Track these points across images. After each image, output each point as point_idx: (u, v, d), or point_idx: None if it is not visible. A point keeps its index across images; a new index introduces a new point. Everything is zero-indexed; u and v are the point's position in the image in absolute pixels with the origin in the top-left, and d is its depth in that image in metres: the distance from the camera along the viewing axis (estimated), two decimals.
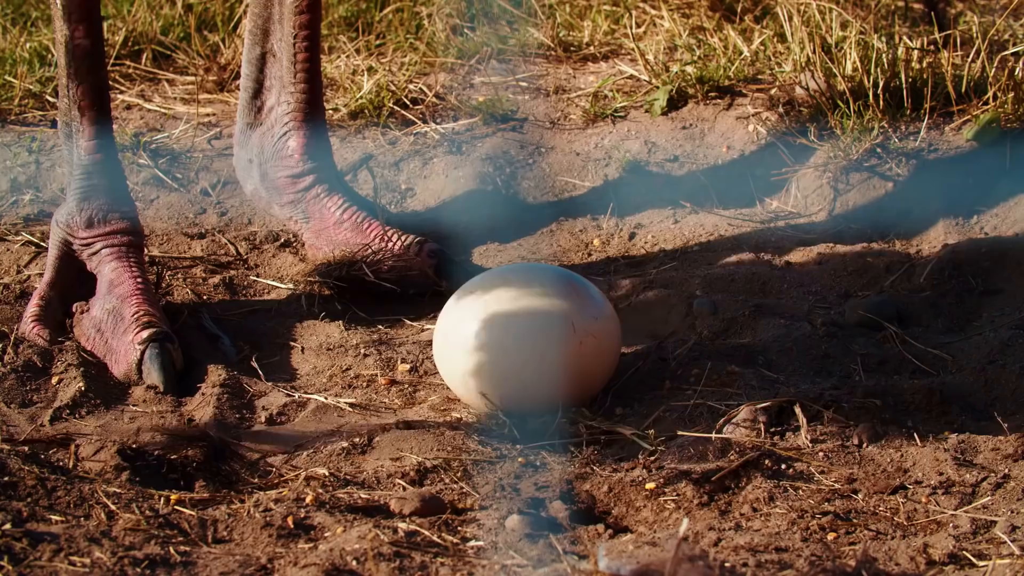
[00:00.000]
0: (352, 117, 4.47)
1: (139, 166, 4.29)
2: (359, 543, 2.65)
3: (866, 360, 3.47)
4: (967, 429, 3.20)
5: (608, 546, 2.64)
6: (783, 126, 4.27)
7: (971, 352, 3.49)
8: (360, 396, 3.40)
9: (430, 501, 2.89)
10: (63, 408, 3.31)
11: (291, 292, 3.85)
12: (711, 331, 3.59)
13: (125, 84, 4.68)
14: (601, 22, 4.89)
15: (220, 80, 4.65)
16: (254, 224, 4.14)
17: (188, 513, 2.83)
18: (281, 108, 3.94)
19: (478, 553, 2.71)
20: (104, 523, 2.77)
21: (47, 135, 4.37)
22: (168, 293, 3.81)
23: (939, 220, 4.04)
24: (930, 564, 2.68)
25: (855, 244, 3.98)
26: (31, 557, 2.61)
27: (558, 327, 3.20)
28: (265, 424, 3.30)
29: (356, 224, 3.88)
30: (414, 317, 3.76)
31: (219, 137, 4.41)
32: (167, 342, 3.46)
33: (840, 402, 3.22)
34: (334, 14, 4.92)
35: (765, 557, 2.61)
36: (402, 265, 3.83)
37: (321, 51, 4.05)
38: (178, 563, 2.63)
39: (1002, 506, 2.88)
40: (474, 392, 3.25)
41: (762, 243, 4.02)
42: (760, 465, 3.02)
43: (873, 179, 4.18)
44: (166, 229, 4.14)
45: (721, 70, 4.48)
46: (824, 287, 3.81)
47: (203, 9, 4.93)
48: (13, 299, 3.75)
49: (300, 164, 3.94)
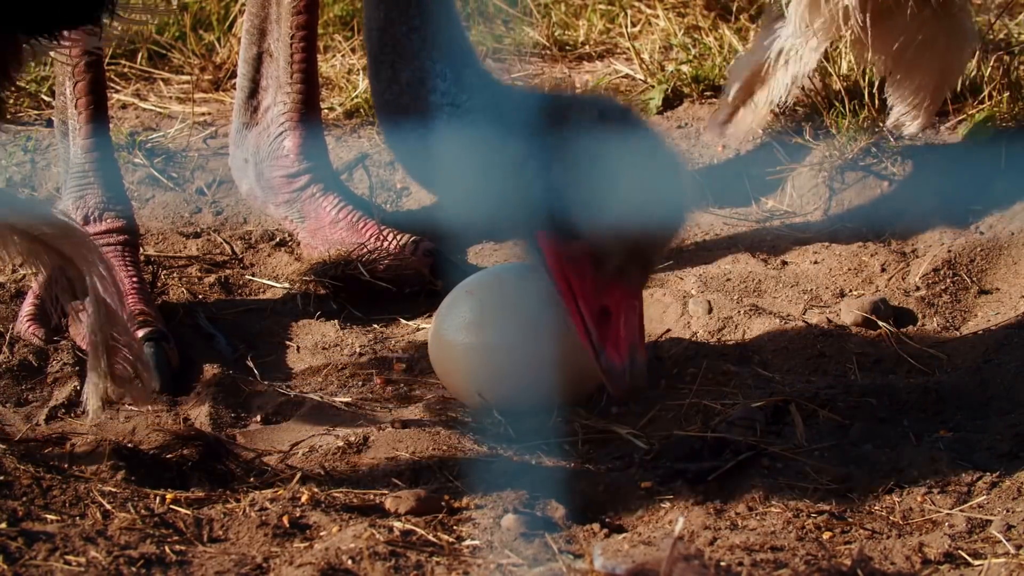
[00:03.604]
0: (347, 116, 4.47)
1: (135, 165, 4.29)
2: (354, 542, 2.65)
3: (861, 359, 3.47)
4: (962, 428, 3.20)
5: (604, 545, 2.64)
6: (778, 125, 4.27)
7: (966, 351, 3.49)
8: (355, 395, 3.40)
9: (425, 500, 2.89)
10: (59, 407, 3.31)
11: (287, 291, 3.85)
12: (706, 330, 3.59)
13: (121, 83, 4.67)
14: (596, 21, 4.89)
15: (216, 79, 4.65)
16: (250, 223, 4.14)
17: (184, 512, 2.83)
18: (277, 108, 3.94)
19: (473, 552, 2.71)
20: (100, 522, 2.76)
21: (43, 134, 4.37)
22: (164, 292, 3.81)
23: (934, 219, 4.04)
24: (926, 563, 2.68)
25: (850, 243, 3.98)
26: (27, 556, 2.60)
27: (553, 326, 3.20)
28: (261, 423, 3.30)
29: (352, 223, 3.89)
30: (410, 316, 3.76)
31: (215, 136, 4.40)
32: (163, 341, 3.46)
33: (835, 401, 3.22)
34: (329, 13, 4.92)
35: (760, 556, 2.61)
36: (398, 264, 3.83)
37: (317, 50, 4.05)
38: (174, 562, 2.63)
39: (997, 505, 2.88)
40: (469, 391, 3.25)
41: (757, 242, 4.03)
42: (755, 464, 3.02)
43: (868, 178, 4.18)
44: (162, 228, 4.14)
45: (716, 69, 4.48)
46: (819, 286, 3.81)
47: (199, 8, 4.93)
48: (8, 298, 3.75)
49: (296, 164, 3.94)
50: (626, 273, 2.70)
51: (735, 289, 3.76)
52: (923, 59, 3.77)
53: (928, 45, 3.75)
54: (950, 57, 3.80)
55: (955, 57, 3.81)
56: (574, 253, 2.71)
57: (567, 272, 2.75)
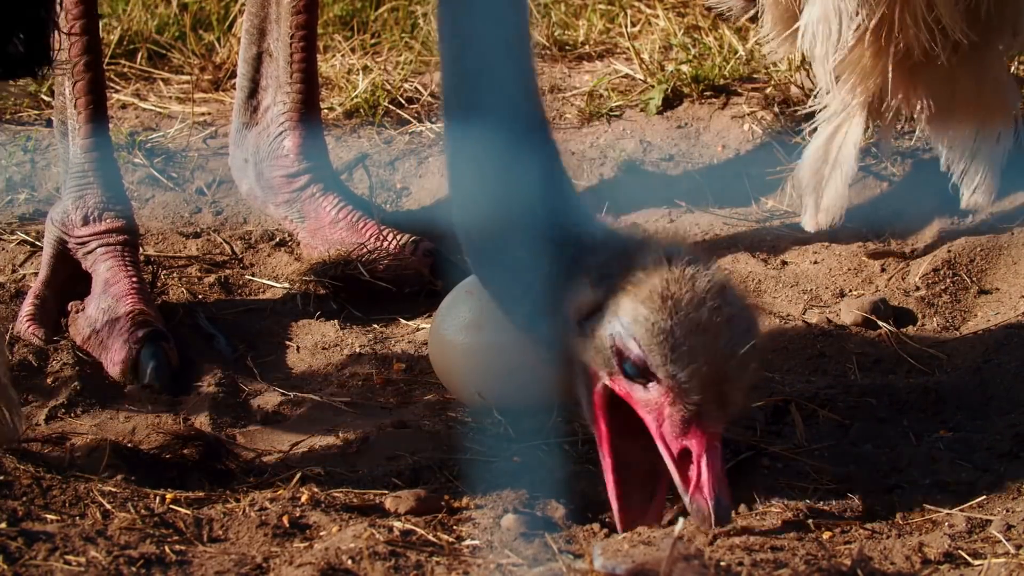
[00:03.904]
0: (347, 116, 4.46)
1: (134, 165, 4.29)
2: (354, 542, 2.65)
3: (861, 359, 3.47)
4: (962, 428, 3.20)
5: (603, 545, 2.64)
6: (778, 125, 4.27)
7: (966, 351, 3.49)
8: (355, 395, 3.40)
9: (425, 500, 2.88)
10: (58, 407, 3.30)
11: (287, 291, 3.85)
12: None
13: (120, 83, 4.67)
14: (596, 21, 4.89)
15: (215, 79, 4.65)
16: (249, 223, 4.14)
17: (183, 512, 2.82)
18: (277, 108, 3.94)
19: (473, 552, 2.71)
20: (99, 522, 2.76)
21: (42, 134, 4.37)
22: (163, 292, 3.81)
23: (934, 219, 4.04)
24: (925, 563, 2.67)
25: (850, 243, 3.98)
26: (26, 556, 2.60)
27: None
28: (260, 423, 3.30)
29: (352, 223, 3.88)
30: (409, 316, 3.76)
31: (214, 136, 4.40)
32: (162, 341, 3.46)
33: (835, 401, 3.22)
34: (329, 13, 4.91)
35: (760, 556, 2.61)
36: (398, 264, 3.83)
37: (316, 50, 4.05)
38: (173, 562, 2.63)
39: (997, 505, 2.88)
40: (469, 391, 3.25)
41: (757, 242, 4.02)
42: (756, 464, 3.02)
43: (868, 178, 4.18)
44: (161, 228, 4.14)
45: (716, 69, 4.48)
46: (819, 286, 3.81)
47: (198, 8, 4.93)
48: (8, 298, 3.75)
49: (296, 164, 3.94)
50: (705, 412, 2.69)
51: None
52: (957, 111, 3.76)
53: (964, 97, 3.74)
54: (988, 110, 3.78)
55: (995, 110, 3.80)
56: (649, 396, 2.70)
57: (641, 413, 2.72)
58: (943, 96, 3.74)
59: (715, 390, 2.67)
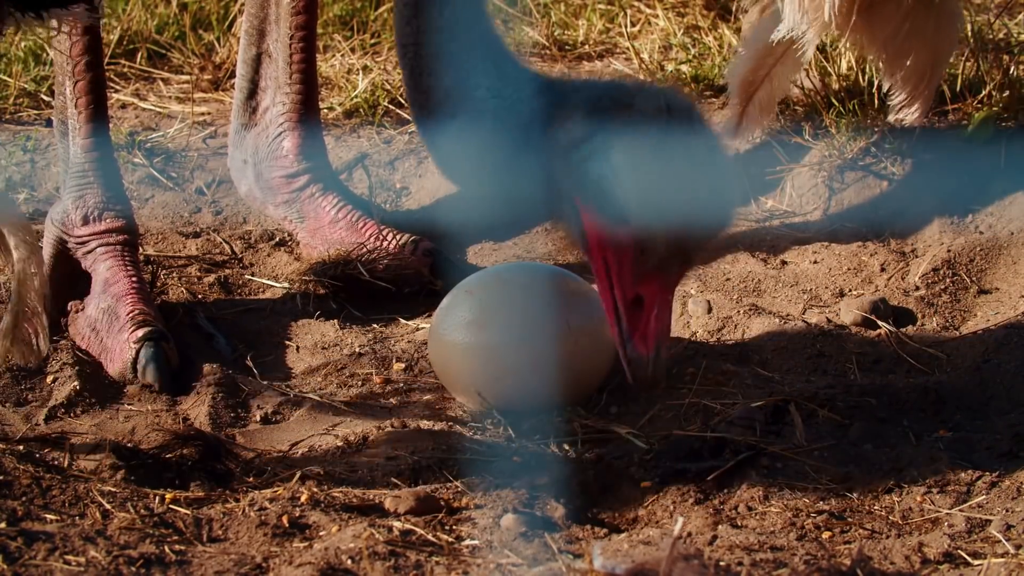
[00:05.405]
0: (347, 116, 4.47)
1: (134, 165, 4.29)
2: (354, 542, 2.65)
3: (861, 359, 3.47)
4: (962, 428, 3.20)
5: (603, 545, 2.64)
6: (778, 125, 4.27)
7: (966, 351, 3.49)
8: (355, 395, 3.40)
9: (425, 500, 2.89)
10: (58, 407, 3.30)
11: (286, 291, 3.85)
12: (706, 330, 3.59)
13: (120, 83, 4.67)
14: (596, 21, 4.89)
15: (215, 79, 4.65)
16: (249, 223, 4.14)
17: (183, 512, 2.83)
18: (276, 109, 3.94)
19: (473, 552, 2.71)
20: (99, 522, 2.77)
21: (42, 134, 4.37)
22: (163, 292, 3.81)
23: (934, 219, 4.04)
24: (925, 563, 2.68)
25: (850, 243, 3.98)
26: (26, 556, 2.60)
27: (553, 326, 3.20)
28: (260, 423, 3.30)
29: (351, 223, 3.89)
30: (409, 316, 3.76)
31: (214, 136, 4.40)
32: (162, 341, 3.46)
33: (835, 401, 3.22)
34: (329, 13, 4.92)
35: (760, 556, 2.61)
36: (397, 264, 3.83)
37: (316, 50, 4.05)
38: (173, 562, 2.63)
39: (997, 505, 2.89)
40: (469, 391, 3.25)
41: (757, 242, 4.03)
42: (755, 464, 3.02)
43: (868, 178, 4.18)
44: (161, 228, 4.14)
45: (716, 69, 4.48)
46: (819, 286, 3.81)
47: (198, 8, 4.93)
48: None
49: (295, 164, 3.94)
50: (665, 267, 2.71)
51: (735, 289, 3.77)
52: (914, 46, 3.79)
53: (918, 32, 3.76)
54: (940, 41, 3.82)
55: (945, 40, 3.84)
56: (618, 237, 2.72)
57: (606, 252, 2.76)
58: (896, 27, 3.78)
59: (683, 246, 2.69)
